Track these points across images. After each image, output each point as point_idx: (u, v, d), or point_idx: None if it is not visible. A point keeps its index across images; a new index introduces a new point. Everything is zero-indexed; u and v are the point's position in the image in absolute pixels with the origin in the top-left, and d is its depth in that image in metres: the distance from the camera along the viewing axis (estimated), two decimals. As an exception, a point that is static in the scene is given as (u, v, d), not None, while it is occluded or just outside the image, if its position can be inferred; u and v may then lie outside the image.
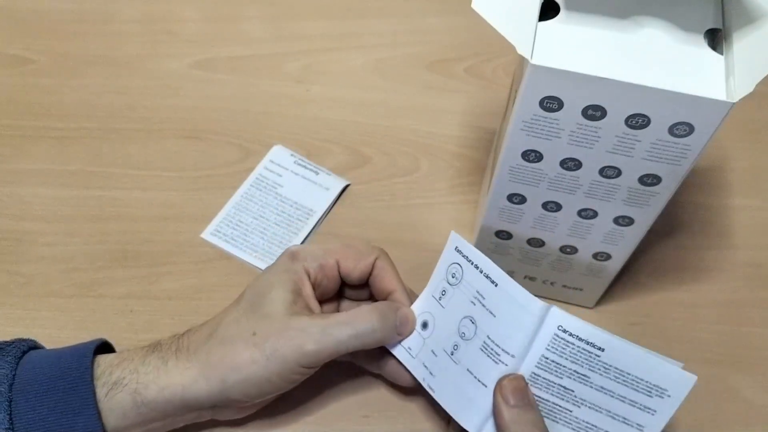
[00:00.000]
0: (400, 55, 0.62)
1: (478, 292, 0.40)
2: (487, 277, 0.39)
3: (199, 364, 0.38)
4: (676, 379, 0.37)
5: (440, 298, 0.42)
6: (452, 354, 0.40)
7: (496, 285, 0.39)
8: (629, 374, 0.37)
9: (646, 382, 0.37)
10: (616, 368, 0.37)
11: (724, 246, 0.53)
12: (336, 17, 0.64)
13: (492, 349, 0.39)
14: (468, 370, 0.40)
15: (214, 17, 0.64)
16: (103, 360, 0.38)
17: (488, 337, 0.39)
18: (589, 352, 0.37)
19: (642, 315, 0.50)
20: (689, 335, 0.49)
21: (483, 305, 0.39)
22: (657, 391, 0.37)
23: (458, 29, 0.64)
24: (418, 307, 0.43)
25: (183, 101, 0.58)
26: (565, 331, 0.37)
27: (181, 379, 0.37)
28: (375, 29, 0.64)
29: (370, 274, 0.43)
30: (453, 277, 0.41)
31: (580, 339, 0.37)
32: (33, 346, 0.40)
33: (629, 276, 0.51)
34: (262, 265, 0.50)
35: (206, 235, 0.52)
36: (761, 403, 0.46)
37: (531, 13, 0.34)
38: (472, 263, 0.40)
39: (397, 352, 0.43)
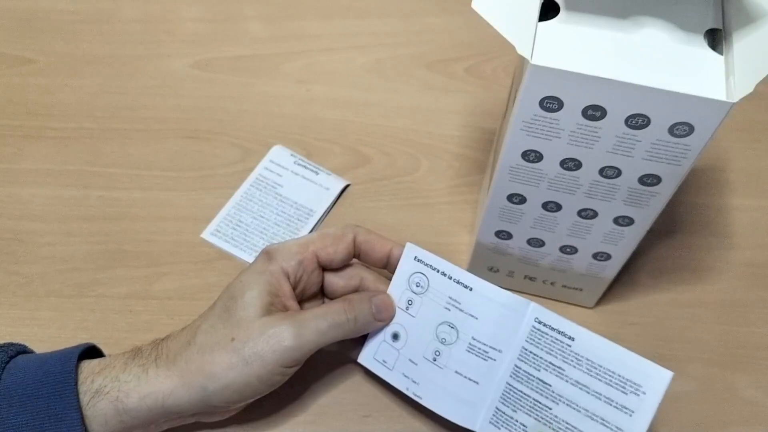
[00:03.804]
0: (400, 55, 0.62)
1: (451, 298, 0.41)
2: (458, 283, 0.41)
3: (179, 372, 0.38)
4: (651, 375, 0.37)
5: (407, 308, 0.43)
6: (435, 360, 0.41)
7: (471, 289, 0.41)
8: (600, 366, 0.38)
9: (619, 376, 0.37)
10: (588, 359, 0.38)
11: (724, 246, 0.53)
12: (336, 17, 0.64)
13: (479, 349, 0.41)
14: (456, 371, 0.41)
15: (214, 17, 0.64)
16: (86, 366, 0.38)
17: (473, 338, 0.41)
18: (561, 341, 0.39)
19: (642, 315, 0.50)
20: (689, 335, 0.49)
21: (460, 310, 0.41)
22: (631, 387, 0.37)
23: (458, 29, 0.64)
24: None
25: (183, 101, 0.58)
26: (540, 323, 0.39)
27: (161, 387, 0.37)
28: (375, 29, 0.64)
29: (358, 254, 0.43)
30: (417, 286, 0.42)
31: (553, 329, 0.39)
32: (22, 350, 0.40)
33: (629, 276, 0.51)
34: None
35: (206, 235, 0.52)
36: (761, 403, 0.46)
37: (531, 13, 0.34)
38: (438, 271, 0.42)
39: (372, 366, 0.43)
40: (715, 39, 0.34)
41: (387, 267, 0.44)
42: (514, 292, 0.49)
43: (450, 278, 0.42)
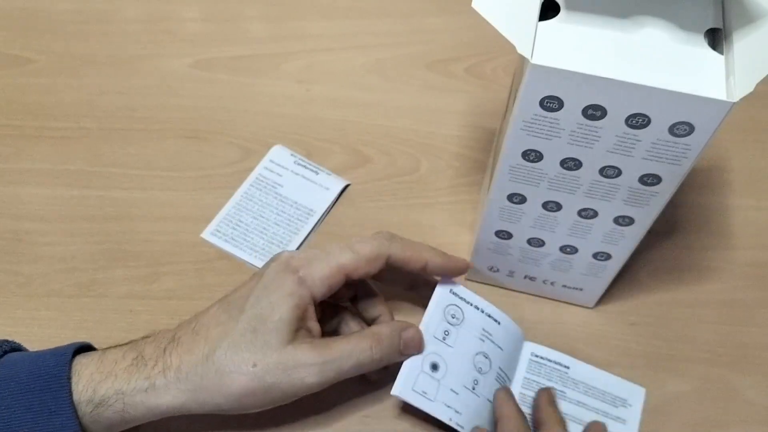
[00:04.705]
0: (400, 55, 0.62)
1: (484, 330, 0.45)
2: (489, 316, 0.45)
3: (192, 387, 0.37)
4: (631, 391, 0.46)
5: (444, 339, 0.43)
6: (474, 389, 0.43)
7: (498, 323, 0.45)
8: (595, 388, 0.46)
9: (610, 394, 0.45)
10: (584, 383, 0.46)
11: (724, 246, 0.53)
12: (336, 17, 0.64)
13: (503, 378, 0.45)
14: (488, 399, 0.44)
15: (214, 17, 0.64)
16: (85, 370, 0.37)
17: (500, 368, 0.45)
18: (559, 369, 0.46)
19: (642, 315, 0.50)
20: (689, 335, 0.49)
21: (492, 341, 0.45)
22: (620, 401, 0.45)
23: (458, 29, 0.64)
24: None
25: (183, 101, 0.58)
26: (537, 356, 0.46)
27: (172, 401, 0.37)
28: (375, 29, 0.64)
29: (390, 267, 0.43)
30: (453, 317, 0.44)
31: (550, 360, 0.46)
32: (15, 347, 0.39)
33: (629, 276, 0.51)
34: (262, 265, 0.50)
35: (206, 235, 0.52)
36: (761, 403, 0.46)
37: (531, 13, 0.34)
38: (471, 304, 0.45)
39: (412, 398, 0.41)
40: (715, 39, 0.34)
41: (420, 273, 0.43)
42: (513, 292, 0.50)
43: (482, 312, 0.45)
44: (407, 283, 0.47)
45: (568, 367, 0.46)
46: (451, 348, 0.43)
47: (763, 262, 0.52)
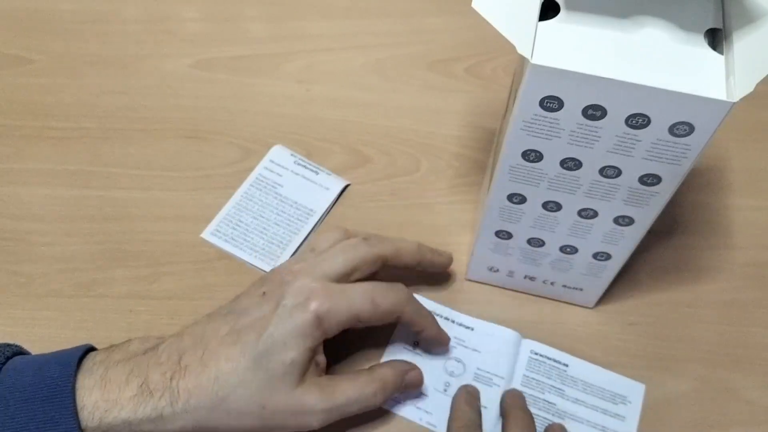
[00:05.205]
0: (400, 55, 0.62)
1: (455, 337, 0.47)
2: (460, 325, 0.48)
3: (201, 418, 0.38)
4: (630, 388, 0.46)
5: (414, 348, 0.47)
6: (445, 391, 0.46)
7: (472, 329, 0.48)
8: (593, 385, 0.46)
9: (609, 391, 0.46)
10: (582, 381, 0.46)
11: (724, 246, 0.53)
12: (336, 17, 0.64)
13: (484, 377, 0.46)
14: None
15: (214, 17, 0.64)
16: (88, 397, 0.36)
17: (478, 368, 0.46)
18: (558, 368, 0.47)
19: (642, 315, 0.50)
20: (689, 335, 0.49)
21: (465, 346, 0.47)
22: (619, 398, 0.46)
23: (458, 29, 0.64)
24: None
25: (183, 101, 0.58)
26: (536, 354, 0.47)
27: (180, 429, 0.37)
28: (375, 29, 0.64)
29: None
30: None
31: (549, 358, 0.47)
32: (18, 351, 0.39)
33: (629, 276, 0.51)
34: (262, 265, 0.50)
35: (206, 235, 0.52)
36: (761, 403, 0.46)
37: (531, 13, 0.34)
38: (441, 317, 0.48)
39: (384, 404, 0.44)
40: (715, 39, 0.34)
41: (416, 340, 0.47)
42: (513, 292, 0.50)
43: (453, 322, 0.48)
44: None
45: (566, 365, 0.46)
46: (421, 355, 0.47)
47: (763, 262, 0.52)
